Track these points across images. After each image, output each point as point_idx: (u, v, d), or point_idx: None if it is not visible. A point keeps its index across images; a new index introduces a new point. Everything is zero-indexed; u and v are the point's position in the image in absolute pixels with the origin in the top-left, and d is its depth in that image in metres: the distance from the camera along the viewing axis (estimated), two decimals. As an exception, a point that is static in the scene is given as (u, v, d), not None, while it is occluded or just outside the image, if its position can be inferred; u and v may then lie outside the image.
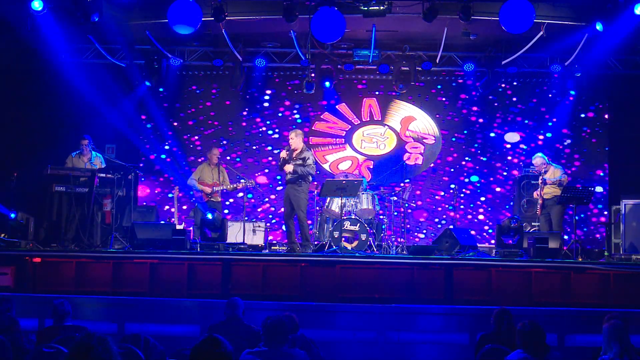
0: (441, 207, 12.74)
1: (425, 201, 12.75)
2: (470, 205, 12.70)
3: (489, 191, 12.73)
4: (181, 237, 9.07)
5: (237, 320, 5.90)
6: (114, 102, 11.96)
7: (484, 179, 12.75)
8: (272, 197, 12.74)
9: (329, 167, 12.88)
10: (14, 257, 8.35)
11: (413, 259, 8.52)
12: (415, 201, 12.26)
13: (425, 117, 12.96)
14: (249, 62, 12.16)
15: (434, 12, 9.63)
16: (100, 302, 7.73)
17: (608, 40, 10.35)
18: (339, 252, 9.08)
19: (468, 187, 12.74)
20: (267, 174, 12.81)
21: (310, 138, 12.88)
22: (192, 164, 12.54)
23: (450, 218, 12.24)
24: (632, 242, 9.91)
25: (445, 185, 12.74)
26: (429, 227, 12.67)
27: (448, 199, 12.52)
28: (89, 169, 9.85)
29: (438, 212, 12.74)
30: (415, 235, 12.54)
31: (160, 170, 12.78)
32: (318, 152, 12.89)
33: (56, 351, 4.70)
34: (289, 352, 4.61)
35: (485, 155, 12.79)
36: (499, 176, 12.74)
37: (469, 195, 12.72)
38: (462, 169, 12.79)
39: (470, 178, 12.77)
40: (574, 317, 7.53)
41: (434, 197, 12.77)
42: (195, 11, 9.51)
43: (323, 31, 9.62)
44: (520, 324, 4.78)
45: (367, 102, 12.99)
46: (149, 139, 12.79)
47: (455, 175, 12.78)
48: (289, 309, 6.87)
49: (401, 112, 13.00)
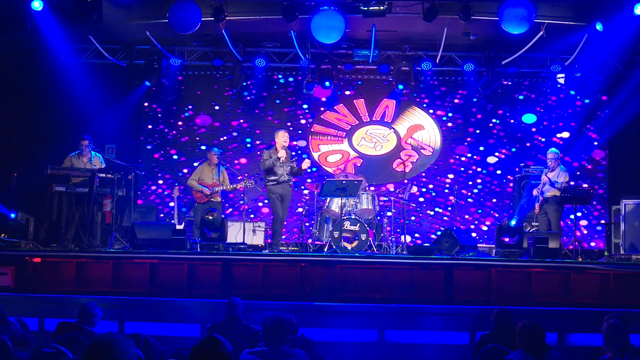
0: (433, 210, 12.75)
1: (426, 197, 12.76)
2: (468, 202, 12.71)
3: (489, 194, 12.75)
4: (181, 237, 9.07)
5: (237, 320, 5.90)
6: (114, 102, 11.96)
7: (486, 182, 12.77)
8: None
9: (317, 157, 12.89)
10: (14, 257, 8.35)
11: (413, 259, 8.52)
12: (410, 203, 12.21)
13: (433, 127, 12.90)
14: (249, 62, 12.16)
15: (434, 12, 9.63)
16: (100, 302, 7.66)
17: (608, 40, 10.35)
18: (339, 252, 9.08)
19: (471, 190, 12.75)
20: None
21: (314, 125, 12.91)
22: (192, 163, 12.53)
23: (451, 218, 12.25)
24: (632, 242, 9.91)
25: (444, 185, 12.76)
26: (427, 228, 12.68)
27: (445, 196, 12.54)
28: (88, 169, 9.84)
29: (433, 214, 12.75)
30: (415, 236, 12.54)
31: (160, 170, 12.77)
32: (315, 140, 12.93)
33: (56, 351, 4.70)
34: (289, 352, 4.61)
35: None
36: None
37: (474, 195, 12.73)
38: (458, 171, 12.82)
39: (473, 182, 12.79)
40: (574, 317, 7.53)
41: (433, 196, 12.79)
42: (195, 11, 9.51)
43: (323, 31, 9.63)
44: (520, 324, 4.78)
45: (385, 102, 12.96)
46: (148, 138, 12.80)
47: (455, 178, 12.80)
48: (289, 309, 6.87)
49: (413, 119, 12.96)
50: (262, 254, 9.33)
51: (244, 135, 12.91)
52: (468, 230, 12.23)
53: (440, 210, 12.72)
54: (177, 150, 12.85)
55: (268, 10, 10.17)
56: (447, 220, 12.45)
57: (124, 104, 12.16)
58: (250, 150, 12.85)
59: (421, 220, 12.69)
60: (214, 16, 9.77)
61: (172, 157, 12.83)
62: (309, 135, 12.96)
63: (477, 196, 12.72)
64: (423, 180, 12.80)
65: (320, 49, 11.42)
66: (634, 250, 9.81)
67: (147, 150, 12.82)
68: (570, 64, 11.53)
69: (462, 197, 12.47)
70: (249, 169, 12.65)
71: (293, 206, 12.62)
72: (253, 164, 12.78)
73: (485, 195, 12.72)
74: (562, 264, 8.38)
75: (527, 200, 11.11)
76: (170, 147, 12.83)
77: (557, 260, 8.57)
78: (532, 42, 10.60)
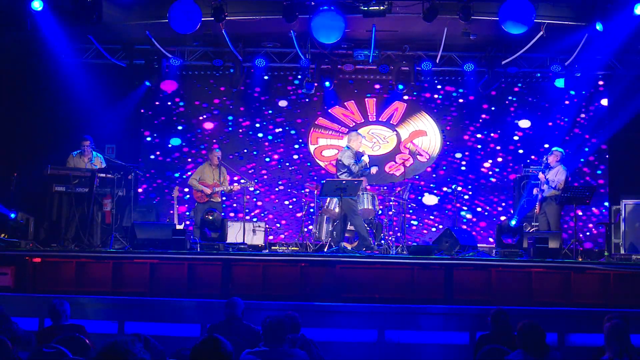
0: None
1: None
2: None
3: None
4: (181, 237, 9.06)
5: (236, 320, 5.89)
6: (114, 102, 11.96)
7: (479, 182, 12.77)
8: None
9: (313, 150, 12.90)
10: (14, 257, 8.35)
11: (413, 259, 8.52)
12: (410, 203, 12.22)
13: (436, 135, 12.88)
14: (249, 62, 12.16)
15: (434, 12, 9.63)
16: (100, 302, 7.72)
17: (608, 40, 10.34)
18: (339, 252, 9.08)
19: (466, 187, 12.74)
20: (268, 174, 12.82)
21: (319, 118, 12.92)
22: (192, 163, 12.54)
23: (450, 218, 12.25)
24: (632, 242, 9.91)
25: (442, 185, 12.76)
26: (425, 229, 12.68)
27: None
28: (89, 169, 9.85)
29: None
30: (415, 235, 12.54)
31: (159, 170, 12.77)
32: (315, 132, 12.95)
33: (56, 351, 4.70)
34: (289, 352, 4.61)
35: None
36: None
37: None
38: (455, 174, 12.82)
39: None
40: (574, 317, 7.52)
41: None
42: (195, 11, 9.51)
43: (323, 31, 9.63)
44: (520, 324, 4.78)
45: (395, 105, 12.94)
46: (148, 138, 12.79)
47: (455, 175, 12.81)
48: (290, 308, 6.87)
49: (418, 124, 12.94)
50: (262, 254, 9.33)
51: (244, 135, 12.90)
52: (468, 230, 12.22)
53: (440, 212, 12.72)
54: (177, 150, 12.84)
55: (268, 10, 10.17)
56: (447, 220, 12.44)
57: (124, 104, 12.16)
58: (251, 150, 12.86)
59: (421, 221, 12.69)
60: (214, 16, 9.77)
61: (172, 157, 12.82)
62: (312, 127, 12.95)
63: (477, 196, 12.71)
64: (421, 183, 12.78)
65: (320, 49, 11.42)
66: (634, 250, 9.81)
67: (147, 150, 12.81)
68: (570, 64, 11.53)
69: (462, 196, 12.46)
70: (249, 169, 12.66)
71: (293, 206, 12.66)
72: (253, 164, 12.79)
73: (485, 195, 12.72)
74: (562, 264, 8.38)
75: (527, 200, 11.11)
76: (170, 147, 12.82)
77: (557, 260, 8.57)
78: (532, 42, 10.60)
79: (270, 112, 12.95)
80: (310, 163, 12.86)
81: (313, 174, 12.74)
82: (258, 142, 12.91)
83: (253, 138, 12.91)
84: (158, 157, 12.82)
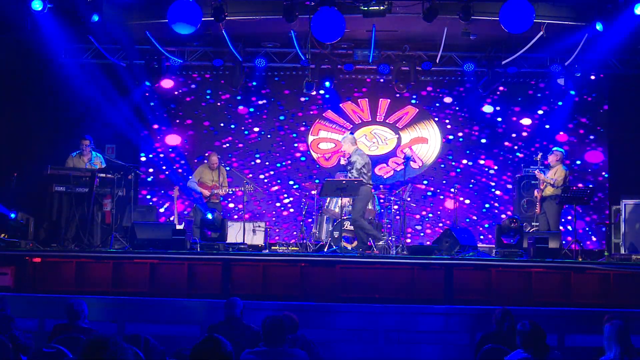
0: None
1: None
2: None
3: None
4: (181, 237, 9.07)
5: (236, 320, 5.89)
6: (114, 102, 11.95)
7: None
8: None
9: (310, 141, 12.91)
10: (14, 257, 8.35)
11: (413, 259, 8.52)
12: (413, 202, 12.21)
13: (436, 144, 12.84)
14: (249, 62, 12.15)
15: (434, 12, 9.63)
16: (100, 302, 7.71)
17: (608, 40, 10.34)
18: (339, 252, 9.08)
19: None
20: (268, 173, 12.82)
21: (328, 111, 12.91)
22: (192, 164, 12.53)
23: (450, 218, 12.24)
24: (632, 242, 9.91)
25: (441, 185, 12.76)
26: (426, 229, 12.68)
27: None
28: (89, 169, 9.85)
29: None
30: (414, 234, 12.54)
31: (159, 169, 12.77)
32: (319, 123, 12.95)
33: (56, 351, 4.70)
34: (289, 352, 4.61)
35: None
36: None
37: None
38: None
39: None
40: (574, 317, 7.52)
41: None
42: (195, 11, 9.50)
43: (323, 31, 9.62)
44: (521, 324, 4.78)
45: (407, 108, 12.92)
46: (148, 138, 12.79)
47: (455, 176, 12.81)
48: (289, 309, 6.86)
49: (422, 131, 12.90)
50: (262, 254, 9.33)
51: (244, 135, 12.90)
52: (468, 230, 12.21)
53: (439, 212, 12.72)
54: (177, 150, 12.84)
55: (268, 10, 10.16)
56: (447, 220, 12.44)
57: (124, 103, 12.15)
58: (250, 151, 12.85)
59: (421, 221, 12.69)
60: (214, 16, 9.76)
61: (172, 157, 12.82)
62: (318, 118, 12.94)
63: (477, 196, 12.71)
64: (420, 184, 12.78)
65: (320, 49, 11.42)
66: (634, 250, 9.82)
67: (147, 150, 12.80)
68: (570, 64, 11.52)
69: (461, 196, 12.46)
70: (249, 169, 12.66)
71: (293, 206, 12.66)
72: (253, 164, 12.79)
73: (486, 195, 12.71)
74: (562, 264, 8.38)
75: (527, 200, 11.12)
76: (170, 147, 12.82)
77: (557, 260, 8.57)
78: (532, 42, 10.60)
79: (271, 113, 12.94)
80: (305, 158, 12.85)
81: (313, 171, 12.74)
82: (258, 142, 12.90)
83: (253, 138, 12.90)
84: (158, 156, 12.82)
